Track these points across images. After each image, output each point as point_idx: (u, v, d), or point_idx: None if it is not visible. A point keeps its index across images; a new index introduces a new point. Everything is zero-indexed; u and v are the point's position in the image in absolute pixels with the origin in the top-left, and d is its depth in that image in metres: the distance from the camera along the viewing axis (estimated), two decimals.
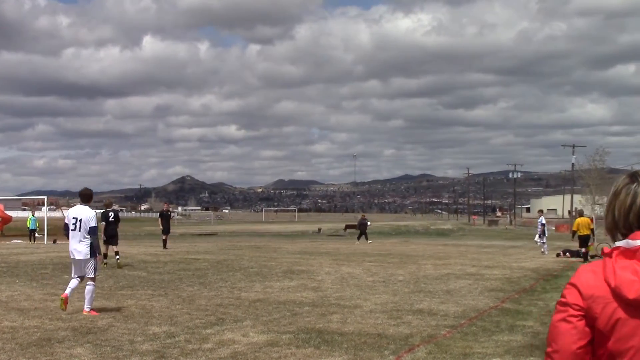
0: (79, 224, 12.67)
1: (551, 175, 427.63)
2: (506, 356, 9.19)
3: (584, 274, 2.31)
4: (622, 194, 2.36)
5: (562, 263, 26.48)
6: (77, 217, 12.74)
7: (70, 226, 12.73)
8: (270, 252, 32.32)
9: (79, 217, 12.72)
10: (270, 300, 14.67)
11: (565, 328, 2.27)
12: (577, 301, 2.27)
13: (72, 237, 12.70)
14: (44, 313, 12.51)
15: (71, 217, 12.82)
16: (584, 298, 2.25)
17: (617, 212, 2.36)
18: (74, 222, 12.72)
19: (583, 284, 2.28)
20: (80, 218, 12.69)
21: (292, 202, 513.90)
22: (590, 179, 75.92)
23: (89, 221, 12.64)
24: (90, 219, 12.67)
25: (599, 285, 2.24)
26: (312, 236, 60.85)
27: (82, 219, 12.66)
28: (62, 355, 9.05)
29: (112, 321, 11.68)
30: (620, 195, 2.36)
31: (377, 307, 13.64)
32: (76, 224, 12.70)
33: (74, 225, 12.70)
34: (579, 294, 2.27)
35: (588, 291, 2.25)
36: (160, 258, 26.33)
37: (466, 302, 14.58)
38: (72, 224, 12.72)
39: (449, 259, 28.31)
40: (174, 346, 9.62)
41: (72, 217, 12.80)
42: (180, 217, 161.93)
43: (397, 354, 9.22)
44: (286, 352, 9.28)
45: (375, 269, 22.75)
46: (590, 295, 2.24)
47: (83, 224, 12.63)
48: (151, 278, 18.61)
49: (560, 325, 2.29)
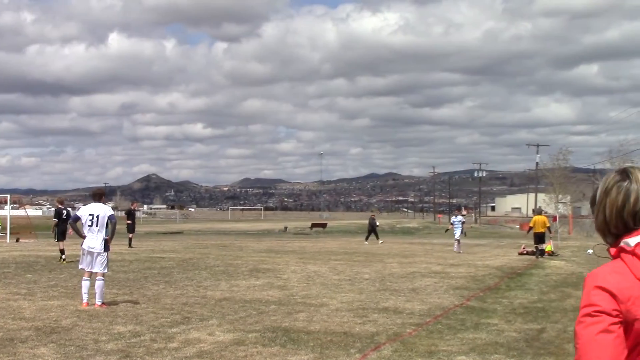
0: (95, 219, 13.34)
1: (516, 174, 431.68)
2: (471, 354, 9.26)
3: (610, 275, 2.11)
4: (613, 193, 2.25)
5: (526, 261, 26.74)
6: (94, 213, 13.41)
7: (87, 222, 13.34)
8: (236, 250, 32.23)
9: (95, 213, 13.40)
10: (236, 298, 14.63)
11: (608, 340, 2.02)
12: (613, 306, 2.05)
13: (89, 232, 13.33)
14: (6, 313, 12.34)
15: (87, 214, 13.41)
16: (621, 301, 2.05)
17: (608, 211, 2.25)
18: (91, 218, 13.37)
19: (615, 286, 2.08)
20: (97, 214, 13.36)
21: (259, 201, 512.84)
22: (554, 177, 76.70)
23: (106, 215, 13.43)
24: (107, 212, 13.49)
25: (632, 285, 2.07)
26: (278, 235, 60.71)
27: (99, 215, 13.35)
28: (25, 355, 8.94)
29: (76, 320, 11.57)
30: (612, 193, 2.25)
31: (343, 306, 13.67)
32: (93, 220, 13.35)
33: (90, 221, 13.36)
34: (613, 297, 2.06)
35: (624, 293, 2.06)
36: (125, 257, 26.12)
37: (431, 300, 14.67)
38: (90, 220, 13.36)
39: (415, 257, 28.45)
40: (139, 345, 9.56)
41: (88, 214, 13.41)
42: (146, 216, 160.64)
43: (363, 353, 9.25)
44: (252, 350, 9.27)
45: (341, 267, 22.80)
46: (629, 297, 2.06)
47: (100, 220, 13.34)
48: (116, 277, 18.45)
49: (602, 338, 2.03)
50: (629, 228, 2.20)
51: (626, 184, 2.24)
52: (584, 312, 2.08)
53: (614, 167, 41.27)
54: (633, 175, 2.26)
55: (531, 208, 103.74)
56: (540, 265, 24.70)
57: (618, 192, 2.24)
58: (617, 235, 2.24)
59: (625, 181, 2.25)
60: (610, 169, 72.61)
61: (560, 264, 25.30)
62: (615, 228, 2.24)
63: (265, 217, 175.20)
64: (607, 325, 2.03)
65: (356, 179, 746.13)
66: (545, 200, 79.25)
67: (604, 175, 2.40)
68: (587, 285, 2.13)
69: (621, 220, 2.22)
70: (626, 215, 2.21)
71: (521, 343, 10.09)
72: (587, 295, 2.11)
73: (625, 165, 2.41)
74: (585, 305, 2.09)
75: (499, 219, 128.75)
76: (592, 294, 2.09)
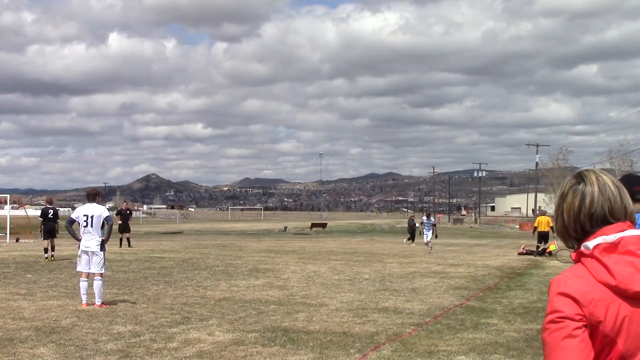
0: (90, 220, 13.25)
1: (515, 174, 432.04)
2: (470, 354, 9.26)
3: (572, 280, 2.13)
4: (569, 197, 2.28)
5: (526, 261, 26.74)
6: (88, 214, 13.32)
7: (82, 223, 13.27)
8: (236, 250, 32.21)
9: (90, 214, 13.31)
10: (236, 298, 14.63)
11: (573, 345, 2.04)
12: (576, 311, 2.07)
13: (85, 233, 13.25)
14: (6, 312, 12.34)
15: (82, 214, 13.34)
16: (583, 305, 2.07)
17: (566, 215, 2.28)
18: (85, 219, 13.29)
19: (577, 291, 2.09)
20: (92, 215, 13.28)
21: (258, 201, 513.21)
22: (554, 177, 76.90)
23: (101, 215, 13.35)
24: (102, 213, 13.39)
25: (593, 288, 2.10)
26: (278, 235, 60.67)
27: (94, 215, 13.26)
28: (24, 355, 8.94)
29: (76, 320, 11.56)
30: (567, 197, 2.29)
31: (342, 306, 13.67)
32: (87, 221, 13.27)
33: (85, 222, 13.28)
34: (575, 302, 2.08)
35: (586, 296, 2.08)
36: (125, 257, 26.11)
37: (431, 300, 14.67)
38: (84, 221, 13.28)
39: (414, 257, 28.44)
40: (139, 345, 9.56)
41: (82, 214, 13.33)
42: (146, 216, 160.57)
43: (362, 352, 9.25)
44: (252, 350, 9.27)
45: (341, 267, 22.79)
46: (591, 300, 2.07)
47: (95, 220, 13.25)
48: (116, 277, 18.44)
49: (567, 343, 2.04)
50: (587, 231, 2.23)
51: (581, 187, 2.27)
52: (549, 318, 2.11)
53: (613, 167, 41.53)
54: (588, 178, 2.29)
55: (531, 208, 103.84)
56: (540, 265, 24.71)
57: (574, 195, 2.28)
58: (577, 239, 2.27)
59: (580, 184, 2.29)
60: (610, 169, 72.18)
61: (559, 264, 25.28)
62: (575, 232, 2.27)
63: (265, 217, 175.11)
64: (571, 330, 2.05)
65: (356, 179, 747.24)
66: (545, 200, 79.34)
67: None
68: (551, 291, 2.15)
69: (579, 223, 2.25)
70: (583, 218, 2.24)
71: (521, 343, 10.09)
72: (550, 302, 2.13)
73: (582, 169, 2.44)
74: (550, 312, 2.11)
75: (499, 219, 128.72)
76: (555, 300, 2.11)
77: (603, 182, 2.27)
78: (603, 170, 2.41)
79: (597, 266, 2.13)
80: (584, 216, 2.24)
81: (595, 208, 2.23)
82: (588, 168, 2.42)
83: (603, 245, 2.15)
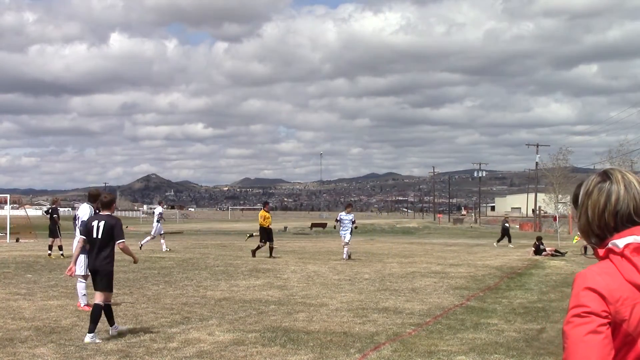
0: (78, 222, 13.29)
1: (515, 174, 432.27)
2: (471, 354, 9.26)
3: (600, 276, 2.13)
4: (594, 194, 2.28)
5: (526, 261, 26.73)
6: (77, 215, 13.47)
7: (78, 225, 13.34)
8: (236, 250, 32.22)
9: (78, 214, 13.41)
10: (236, 298, 14.63)
11: (596, 341, 2.04)
12: (603, 307, 2.07)
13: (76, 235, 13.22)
14: (6, 313, 12.34)
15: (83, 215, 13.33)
16: (610, 302, 2.07)
17: (590, 213, 2.27)
18: (75, 221, 13.55)
19: (605, 287, 2.09)
20: (79, 216, 13.28)
21: (258, 201, 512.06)
22: (554, 177, 76.83)
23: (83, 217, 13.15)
24: (84, 214, 13.11)
25: (621, 286, 2.09)
26: (278, 235, 60.58)
27: (80, 217, 13.19)
28: (24, 355, 8.94)
29: (76, 320, 11.57)
30: (593, 195, 2.28)
31: (342, 306, 13.67)
32: (75, 223, 13.50)
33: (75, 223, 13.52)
34: (602, 298, 2.08)
35: (613, 294, 2.08)
36: (125, 257, 26.04)
37: (431, 300, 14.67)
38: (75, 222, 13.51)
39: (415, 257, 28.44)
40: (139, 345, 9.56)
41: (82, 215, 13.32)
42: (146, 216, 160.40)
43: (362, 352, 9.25)
44: (252, 350, 9.27)
45: (341, 267, 22.80)
46: (618, 298, 2.07)
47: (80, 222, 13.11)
48: (115, 277, 18.33)
49: (590, 339, 2.04)
50: (611, 229, 2.23)
51: (607, 185, 2.28)
52: (573, 312, 2.10)
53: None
54: (614, 176, 2.30)
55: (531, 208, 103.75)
56: (540, 265, 24.69)
57: (599, 193, 2.28)
58: (600, 236, 2.27)
59: (606, 182, 2.29)
60: None
61: (560, 264, 25.29)
62: (598, 229, 2.27)
63: None
64: (595, 326, 2.05)
65: (356, 179, 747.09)
66: (545, 200, 79.33)
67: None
68: (577, 286, 2.15)
69: (603, 221, 2.25)
70: (607, 216, 2.24)
71: (521, 343, 10.09)
72: (576, 296, 2.12)
73: (607, 167, 2.44)
74: (575, 306, 2.11)
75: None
76: (582, 295, 2.11)
77: (628, 180, 2.28)
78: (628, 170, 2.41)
79: (626, 265, 2.13)
80: (608, 214, 2.24)
81: (621, 206, 2.24)
82: (613, 167, 2.42)
83: (634, 245, 2.15)
